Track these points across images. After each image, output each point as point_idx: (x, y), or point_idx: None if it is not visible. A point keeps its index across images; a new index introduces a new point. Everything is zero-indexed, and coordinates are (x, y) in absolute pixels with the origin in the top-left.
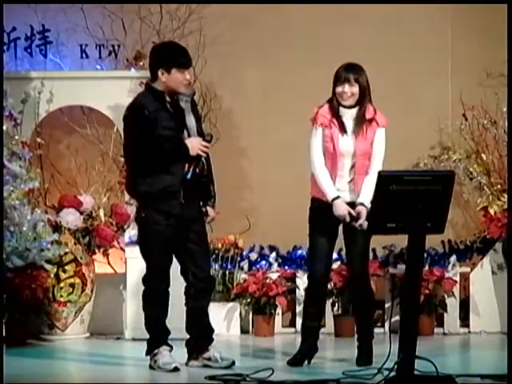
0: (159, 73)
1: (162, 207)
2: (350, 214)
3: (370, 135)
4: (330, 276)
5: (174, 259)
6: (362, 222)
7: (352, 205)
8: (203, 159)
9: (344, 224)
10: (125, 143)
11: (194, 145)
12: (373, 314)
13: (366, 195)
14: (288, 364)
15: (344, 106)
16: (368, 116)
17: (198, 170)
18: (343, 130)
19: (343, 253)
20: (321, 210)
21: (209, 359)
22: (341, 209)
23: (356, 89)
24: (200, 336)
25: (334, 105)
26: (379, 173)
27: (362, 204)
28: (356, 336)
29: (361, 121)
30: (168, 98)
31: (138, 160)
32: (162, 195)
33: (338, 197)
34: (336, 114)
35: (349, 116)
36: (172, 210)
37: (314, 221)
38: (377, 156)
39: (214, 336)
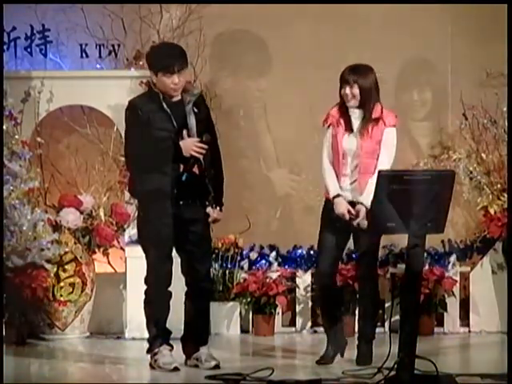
0: (151, 75)
1: (156, 207)
2: (349, 212)
3: (377, 134)
4: (335, 271)
5: (176, 259)
6: (360, 220)
7: (354, 204)
8: (202, 160)
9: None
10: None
11: (188, 146)
12: (376, 314)
13: (367, 194)
14: (317, 363)
15: (352, 106)
16: (374, 115)
17: (197, 171)
18: (349, 128)
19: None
20: (333, 211)
21: (196, 359)
22: (341, 207)
23: (356, 90)
24: (194, 337)
25: (343, 105)
26: (379, 172)
27: (361, 203)
28: (356, 335)
29: (366, 120)
30: (168, 99)
31: (131, 160)
32: (155, 195)
33: (338, 195)
34: (345, 114)
35: (357, 115)
36: (166, 210)
37: (325, 220)
38: (382, 156)
39: (211, 337)
